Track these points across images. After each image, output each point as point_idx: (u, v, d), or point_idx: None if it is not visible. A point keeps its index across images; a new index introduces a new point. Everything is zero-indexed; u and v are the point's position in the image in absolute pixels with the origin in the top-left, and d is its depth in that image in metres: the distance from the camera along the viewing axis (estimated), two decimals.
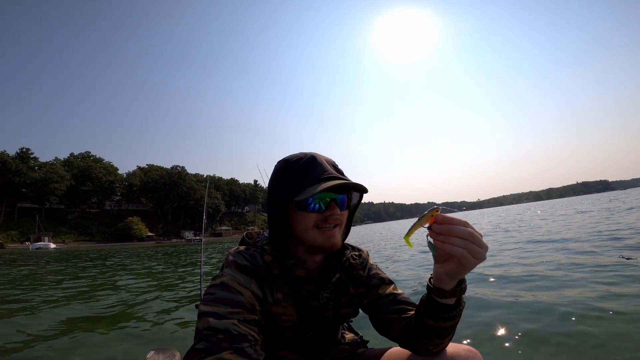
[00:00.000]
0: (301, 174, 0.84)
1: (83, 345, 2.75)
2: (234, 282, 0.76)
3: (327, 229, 0.84)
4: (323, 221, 0.84)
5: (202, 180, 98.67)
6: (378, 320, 0.96)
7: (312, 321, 0.90)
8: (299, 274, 0.87)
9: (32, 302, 4.96)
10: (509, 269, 4.62)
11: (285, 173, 0.87)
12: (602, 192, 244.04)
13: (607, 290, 3.04)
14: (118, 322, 3.48)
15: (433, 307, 0.78)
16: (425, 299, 0.80)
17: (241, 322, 0.69)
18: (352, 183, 0.83)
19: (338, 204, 0.85)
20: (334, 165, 0.89)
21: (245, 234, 0.99)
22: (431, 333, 0.80)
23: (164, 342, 2.75)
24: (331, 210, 0.84)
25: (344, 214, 0.90)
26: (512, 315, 2.64)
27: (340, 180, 0.83)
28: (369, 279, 0.99)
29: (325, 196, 0.84)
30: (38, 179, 64.79)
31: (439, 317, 0.78)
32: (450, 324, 0.79)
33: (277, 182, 0.88)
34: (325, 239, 0.84)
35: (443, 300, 0.77)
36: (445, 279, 0.73)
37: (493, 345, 2.18)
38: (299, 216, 0.85)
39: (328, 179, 0.82)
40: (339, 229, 0.87)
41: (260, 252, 0.86)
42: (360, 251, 1.04)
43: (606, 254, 4.79)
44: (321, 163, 0.86)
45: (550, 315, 2.55)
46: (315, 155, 0.88)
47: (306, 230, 0.84)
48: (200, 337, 0.66)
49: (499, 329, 2.40)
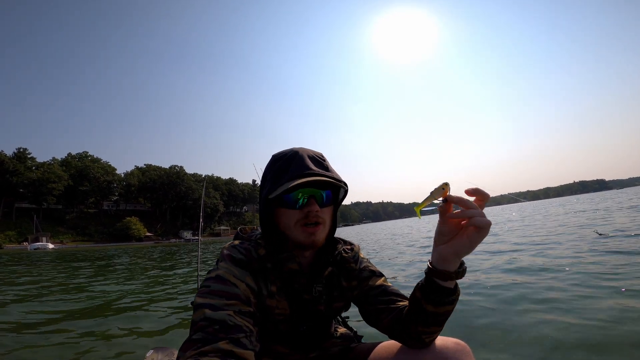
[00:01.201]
0: (282, 170, 0.85)
1: (82, 345, 2.76)
2: (229, 274, 0.77)
3: (309, 226, 0.84)
4: (304, 218, 0.84)
5: (201, 180, 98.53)
6: (367, 311, 0.96)
7: (305, 315, 0.91)
8: (291, 267, 0.87)
9: (29, 301, 4.98)
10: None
11: (270, 169, 0.88)
12: (599, 191, 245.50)
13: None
14: (117, 322, 3.49)
15: (434, 291, 0.77)
16: (424, 284, 0.79)
17: (237, 313, 0.70)
18: (328, 179, 0.83)
19: (318, 201, 0.85)
20: (318, 160, 0.88)
21: (239, 229, 1.00)
22: (429, 319, 0.80)
23: (163, 341, 2.77)
24: (309, 206, 0.83)
25: (326, 211, 0.89)
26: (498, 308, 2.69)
27: (314, 177, 0.82)
28: (360, 272, 0.99)
29: (305, 192, 0.84)
30: (36, 179, 64.65)
31: (440, 301, 0.77)
32: (449, 308, 0.80)
33: (262, 179, 0.91)
34: (306, 237, 0.84)
35: (445, 283, 0.76)
36: (452, 257, 0.73)
37: (481, 338, 2.21)
38: (282, 213, 0.86)
39: (305, 175, 0.82)
40: (322, 226, 0.86)
41: (255, 246, 0.87)
42: (352, 245, 1.04)
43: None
44: (302, 158, 0.85)
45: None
46: (298, 150, 0.88)
47: (289, 228, 0.85)
48: (196, 328, 0.66)
49: (484, 323, 2.44)
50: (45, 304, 4.82)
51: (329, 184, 0.86)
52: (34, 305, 4.73)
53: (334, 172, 0.90)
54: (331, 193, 0.90)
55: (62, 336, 3.05)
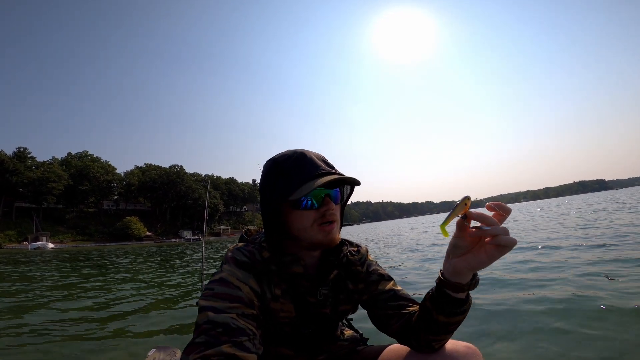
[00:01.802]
0: (293, 172, 0.83)
1: (84, 344, 2.74)
2: (233, 277, 0.77)
3: (325, 225, 0.83)
4: (321, 218, 0.83)
5: (201, 179, 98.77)
6: (377, 316, 0.94)
7: (310, 317, 0.90)
8: (296, 270, 0.87)
9: (31, 301, 4.95)
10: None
11: (276, 173, 0.86)
12: (598, 191, 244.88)
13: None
14: (119, 321, 3.47)
15: (445, 302, 0.76)
16: (435, 294, 0.78)
17: (240, 316, 0.69)
18: (347, 177, 0.83)
19: (332, 199, 0.85)
20: (324, 161, 0.88)
21: (244, 231, 1.00)
22: (439, 329, 0.79)
23: (165, 340, 2.74)
24: (326, 205, 0.83)
25: (338, 209, 0.89)
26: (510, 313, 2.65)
27: (335, 175, 0.82)
28: (368, 275, 0.97)
29: (320, 192, 0.83)
30: (35, 178, 64.64)
31: (452, 312, 0.77)
32: (460, 318, 0.79)
33: (268, 182, 0.87)
34: (325, 236, 0.84)
35: (456, 295, 0.75)
36: (466, 271, 0.72)
37: (491, 342, 2.17)
38: (295, 215, 0.84)
39: (322, 174, 0.81)
40: (336, 224, 0.86)
41: (259, 248, 0.86)
42: (358, 247, 1.02)
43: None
44: (312, 159, 0.85)
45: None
46: (304, 151, 0.87)
47: (305, 229, 0.84)
48: (199, 331, 0.66)
49: (496, 327, 2.40)
50: (49, 302, 4.80)
51: (338, 181, 0.85)
52: (33, 303, 4.71)
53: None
54: (339, 192, 0.90)
55: (63, 334, 3.02)
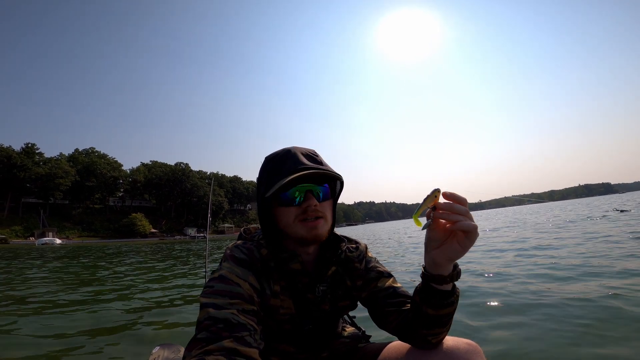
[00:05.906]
0: (276, 169, 0.85)
1: (88, 342, 2.74)
2: (232, 274, 0.78)
3: (309, 221, 0.84)
4: (302, 213, 0.84)
5: (206, 177, 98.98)
6: (376, 313, 0.95)
7: (309, 314, 0.90)
8: (294, 267, 0.87)
9: (35, 298, 4.98)
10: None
11: (263, 170, 0.89)
12: (604, 195, 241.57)
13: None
14: (123, 318, 3.47)
15: (432, 295, 0.78)
16: (421, 288, 0.80)
17: (240, 312, 0.70)
18: (322, 172, 0.83)
19: (316, 195, 0.85)
20: (311, 156, 0.88)
21: (243, 230, 1.00)
22: (431, 322, 0.80)
23: (169, 338, 2.74)
24: (307, 201, 0.83)
25: (326, 205, 0.88)
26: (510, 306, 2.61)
27: (309, 170, 0.82)
28: (366, 272, 0.98)
29: (301, 188, 0.84)
30: (43, 174, 65.17)
31: (439, 304, 0.78)
32: (449, 310, 0.80)
33: (259, 180, 0.92)
34: (308, 231, 0.84)
35: (442, 287, 0.77)
36: (445, 262, 0.74)
37: (492, 338, 2.14)
38: (279, 211, 0.86)
39: (299, 170, 0.81)
40: (323, 220, 0.86)
41: (257, 246, 0.88)
42: (357, 244, 1.02)
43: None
44: (295, 155, 0.85)
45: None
46: (290, 148, 0.88)
47: (288, 225, 0.85)
48: (201, 327, 0.68)
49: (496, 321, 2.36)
50: (48, 300, 4.82)
51: (325, 178, 0.86)
52: (36, 301, 4.72)
53: (328, 166, 0.89)
54: (328, 188, 0.90)
55: (67, 331, 3.03)
